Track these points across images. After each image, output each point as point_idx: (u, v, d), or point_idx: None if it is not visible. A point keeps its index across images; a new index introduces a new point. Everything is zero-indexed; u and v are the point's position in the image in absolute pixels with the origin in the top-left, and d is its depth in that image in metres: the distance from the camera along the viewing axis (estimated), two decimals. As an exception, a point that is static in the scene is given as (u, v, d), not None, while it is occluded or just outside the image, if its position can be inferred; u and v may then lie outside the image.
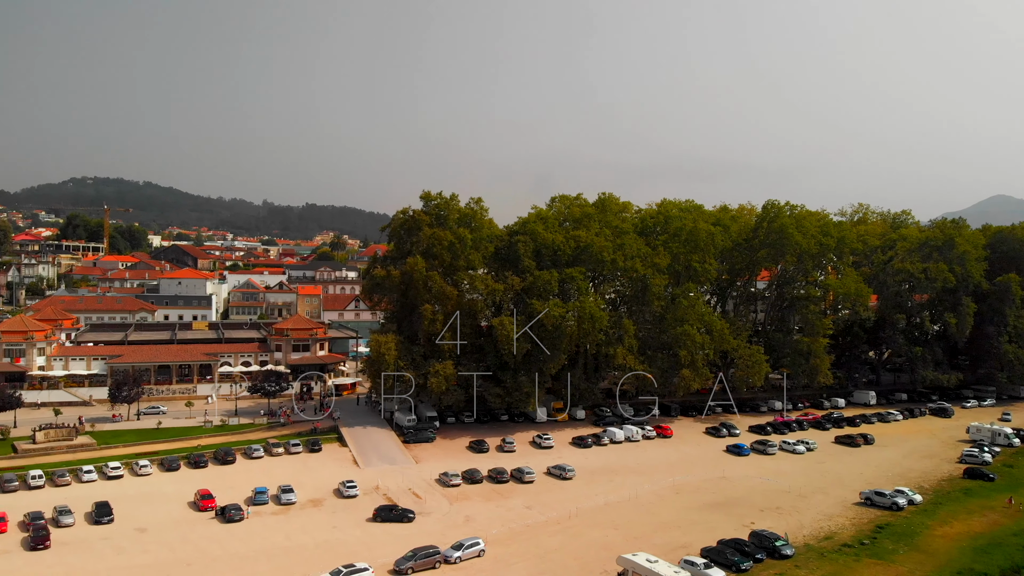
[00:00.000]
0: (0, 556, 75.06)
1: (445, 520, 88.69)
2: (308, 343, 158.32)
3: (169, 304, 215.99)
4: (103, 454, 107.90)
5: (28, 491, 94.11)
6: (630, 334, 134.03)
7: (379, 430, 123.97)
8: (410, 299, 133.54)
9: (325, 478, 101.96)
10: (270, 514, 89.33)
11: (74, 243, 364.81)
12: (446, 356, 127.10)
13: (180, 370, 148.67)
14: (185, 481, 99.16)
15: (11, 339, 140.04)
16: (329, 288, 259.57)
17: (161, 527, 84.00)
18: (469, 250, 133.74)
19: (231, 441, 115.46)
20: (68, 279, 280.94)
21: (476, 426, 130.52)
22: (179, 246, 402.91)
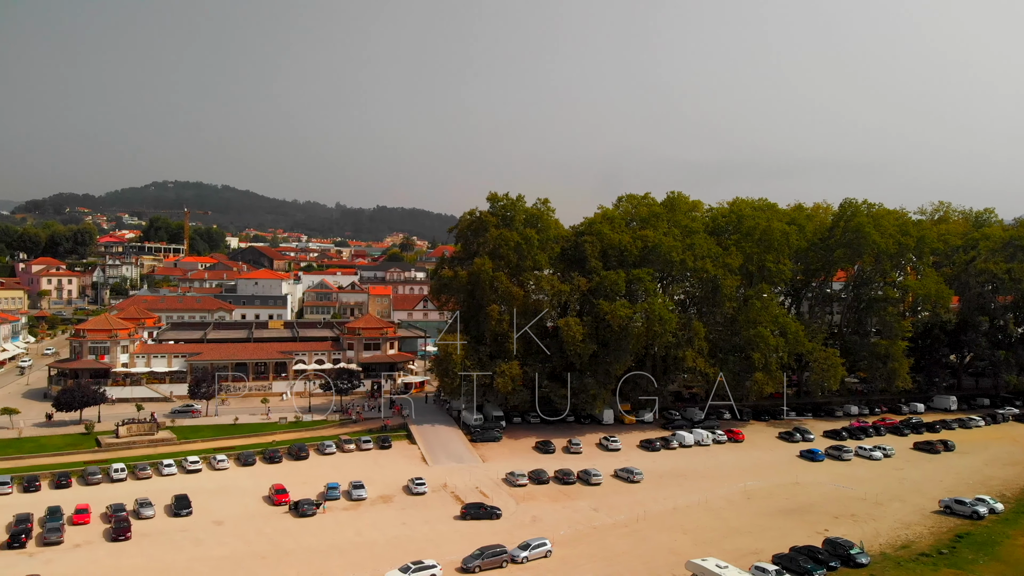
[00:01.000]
0: (83, 547, 78.48)
1: (512, 520, 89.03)
2: (379, 342, 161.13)
3: (246, 304, 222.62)
4: (183, 448, 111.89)
5: (111, 484, 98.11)
6: (700, 336, 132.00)
7: (447, 428, 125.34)
8: (477, 299, 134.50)
9: (394, 475, 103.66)
10: (341, 509, 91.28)
11: (156, 245, 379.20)
12: (512, 356, 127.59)
13: (256, 368, 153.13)
14: (260, 476, 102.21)
15: (96, 337, 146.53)
16: (398, 288, 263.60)
17: (237, 520, 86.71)
18: (535, 251, 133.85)
19: (304, 437, 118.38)
20: (150, 279, 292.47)
21: (542, 427, 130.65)
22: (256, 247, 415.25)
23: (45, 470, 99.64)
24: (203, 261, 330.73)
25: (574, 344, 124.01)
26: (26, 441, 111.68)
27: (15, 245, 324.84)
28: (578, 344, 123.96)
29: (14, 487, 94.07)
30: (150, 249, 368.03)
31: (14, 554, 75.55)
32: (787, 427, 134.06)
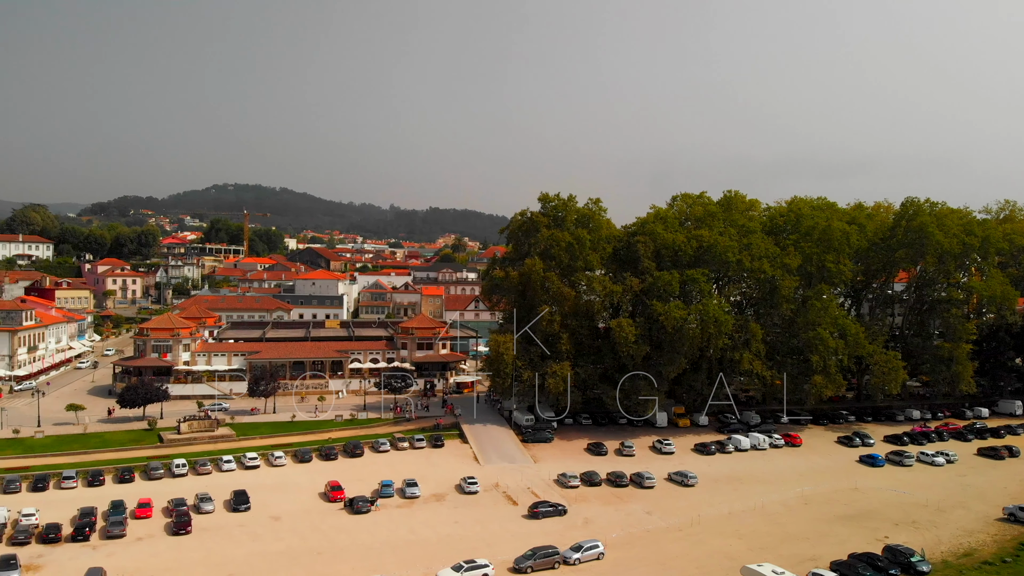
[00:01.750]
0: (145, 540, 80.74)
1: (563, 521, 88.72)
2: (431, 342, 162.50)
3: (304, 304, 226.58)
4: (241, 445, 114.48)
5: (172, 479, 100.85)
6: (757, 338, 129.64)
7: (498, 428, 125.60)
8: (528, 300, 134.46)
9: (447, 473, 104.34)
10: (395, 507, 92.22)
11: (216, 246, 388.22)
12: (564, 357, 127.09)
13: (313, 366, 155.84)
14: (316, 472, 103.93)
15: (159, 336, 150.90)
16: (450, 289, 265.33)
17: (294, 516, 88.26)
18: (587, 251, 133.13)
19: (359, 435, 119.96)
20: (211, 280, 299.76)
21: (594, 428, 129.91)
22: (313, 249, 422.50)
23: (109, 465, 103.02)
24: (262, 262, 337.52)
25: (626, 345, 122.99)
26: (91, 437, 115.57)
27: (81, 246, 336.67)
28: (630, 346, 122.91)
29: (79, 481, 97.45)
30: (211, 250, 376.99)
31: (78, 547, 78.14)
32: (846, 431, 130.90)
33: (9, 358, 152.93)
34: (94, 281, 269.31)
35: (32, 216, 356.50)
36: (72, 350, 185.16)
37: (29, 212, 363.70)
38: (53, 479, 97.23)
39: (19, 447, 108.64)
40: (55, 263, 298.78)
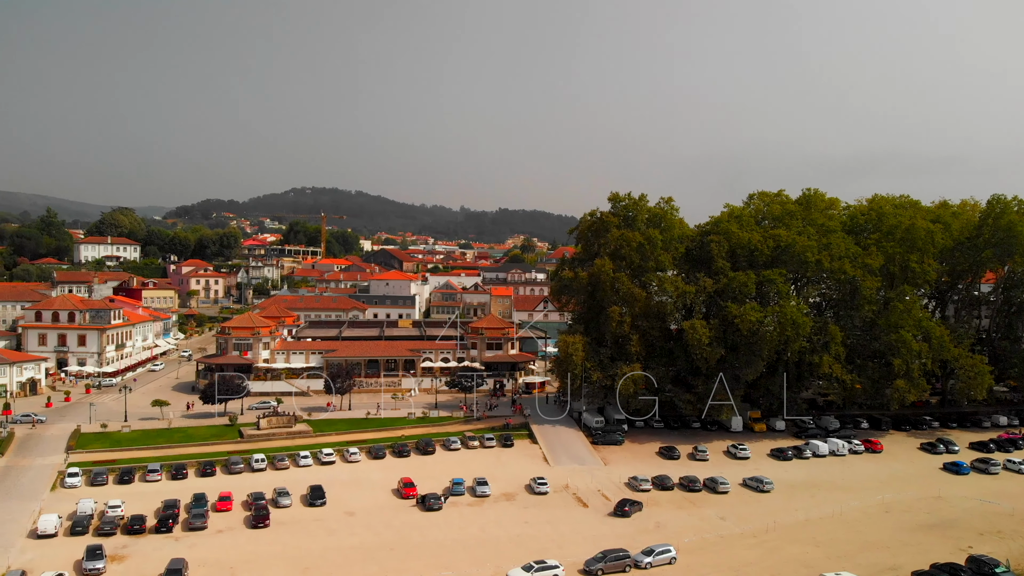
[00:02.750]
0: (225, 532, 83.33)
1: (634, 524, 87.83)
2: (501, 342, 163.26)
3: (378, 303, 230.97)
4: (318, 441, 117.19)
5: (251, 473, 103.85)
6: (837, 341, 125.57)
7: (568, 430, 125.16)
8: (598, 301, 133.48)
9: (517, 473, 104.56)
10: (466, 505, 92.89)
11: (295, 247, 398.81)
12: (634, 359, 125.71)
13: (387, 364, 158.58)
14: (389, 469, 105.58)
15: (240, 334, 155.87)
16: (519, 289, 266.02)
17: (368, 512, 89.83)
18: (659, 251, 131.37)
19: (431, 433, 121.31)
20: (289, 280, 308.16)
21: (666, 432, 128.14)
22: (387, 250, 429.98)
23: (191, 459, 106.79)
24: (338, 263, 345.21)
25: (700, 348, 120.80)
26: (175, 431, 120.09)
27: (167, 248, 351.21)
28: (704, 348, 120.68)
29: (163, 474, 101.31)
30: (290, 252, 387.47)
31: (161, 538, 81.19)
32: (929, 438, 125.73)
33: (98, 355, 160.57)
34: (179, 281, 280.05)
35: (120, 219, 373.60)
36: (157, 348, 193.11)
37: (117, 215, 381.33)
38: (138, 472, 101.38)
39: (107, 441, 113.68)
40: (142, 264, 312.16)
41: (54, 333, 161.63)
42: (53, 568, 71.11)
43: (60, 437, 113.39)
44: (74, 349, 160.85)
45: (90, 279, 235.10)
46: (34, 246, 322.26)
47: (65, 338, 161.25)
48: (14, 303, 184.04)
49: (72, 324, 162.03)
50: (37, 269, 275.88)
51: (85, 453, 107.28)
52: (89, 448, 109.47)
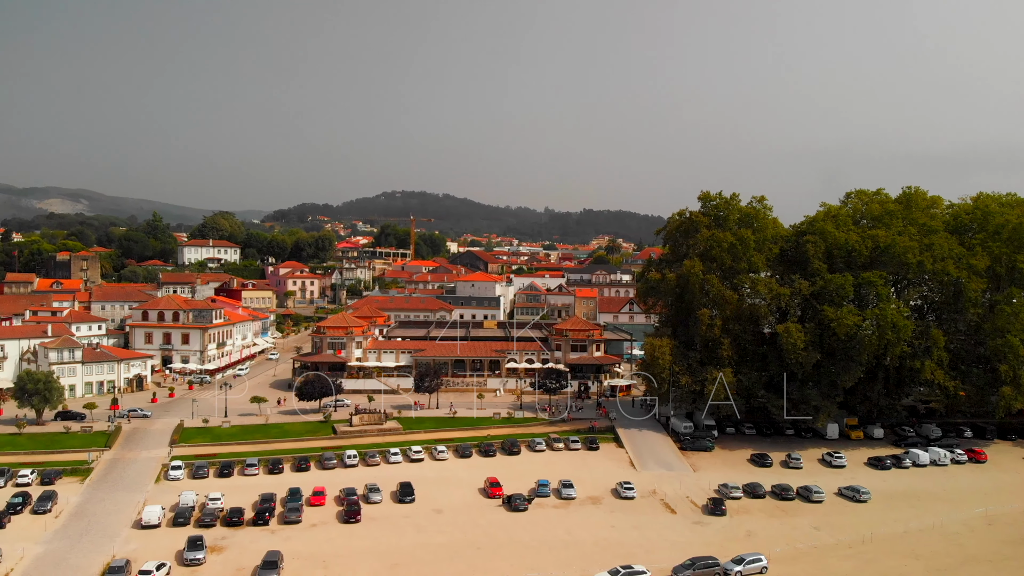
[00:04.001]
0: (318, 527, 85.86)
1: (724, 532, 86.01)
2: (585, 344, 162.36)
3: (464, 304, 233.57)
4: (407, 438, 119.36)
5: (344, 469, 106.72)
6: (939, 346, 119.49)
7: (655, 434, 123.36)
8: (686, 303, 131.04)
9: (602, 477, 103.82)
10: (551, 507, 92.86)
11: (385, 249, 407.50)
12: (725, 363, 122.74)
13: (473, 364, 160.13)
14: (476, 468, 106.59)
15: (335, 334, 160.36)
16: (604, 291, 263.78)
17: (455, 510, 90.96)
18: (751, 252, 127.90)
19: (516, 433, 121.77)
20: (380, 281, 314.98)
21: (758, 439, 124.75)
22: (472, 252, 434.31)
23: (287, 454, 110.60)
24: (426, 264, 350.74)
25: (795, 352, 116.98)
26: (272, 427, 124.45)
27: (265, 250, 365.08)
28: (799, 352, 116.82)
29: (260, 468, 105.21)
30: (381, 254, 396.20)
31: (258, 530, 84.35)
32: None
33: (201, 353, 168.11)
34: (276, 282, 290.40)
35: (221, 223, 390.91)
36: (256, 346, 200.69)
37: (218, 219, 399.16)
38: (237, 466, 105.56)
39: (208, 435, 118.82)
40: (242, 266, 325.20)
41: (159, 332, 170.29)
42: (156, 558, 74.61)
43: (164, 431, 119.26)
44: (178, 347, 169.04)
45: (193, 280, 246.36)
46: (141, 249, 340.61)
47: (170, 336, 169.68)
48: (122, 303, 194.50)
49: (176, 323, 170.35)
50: (144, 271, 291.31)
51: (187, 447, 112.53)
52: (191, 442, 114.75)
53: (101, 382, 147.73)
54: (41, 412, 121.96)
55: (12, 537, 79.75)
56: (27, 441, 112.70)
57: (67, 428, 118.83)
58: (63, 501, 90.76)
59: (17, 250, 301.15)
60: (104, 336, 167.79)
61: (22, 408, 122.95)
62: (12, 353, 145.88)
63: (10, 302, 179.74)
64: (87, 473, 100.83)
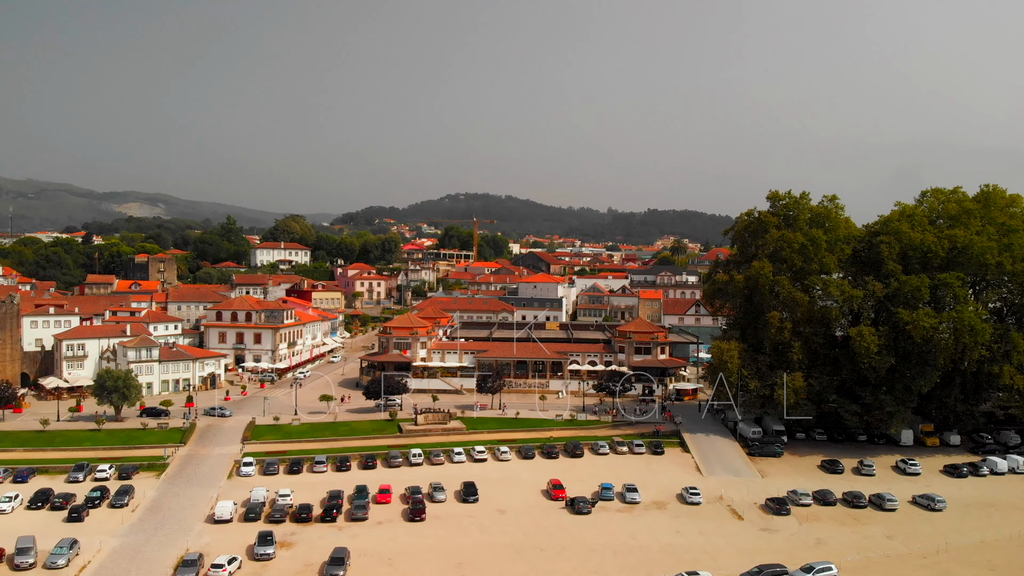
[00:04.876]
0: (384, 524, 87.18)
1: (793, 540, 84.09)
2: (649, 346, 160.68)
3: (526, 306, 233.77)
4: (470, 438, 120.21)
5: (409, 467, 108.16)
6: (1019, 349, 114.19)
7: (722, 439, 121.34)
8: (755, 305, 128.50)
9: (667, 481, 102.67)
10: (615, 511, 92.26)
11: (449, 251, 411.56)
12: (795, 367, 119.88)
13: (535, 366, 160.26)
14: (538, 470, 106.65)
15: (400, 334, 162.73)
16: (669, 292, 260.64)
17: (518, 511, 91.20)
18: (822, 252, 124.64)
19: (579, 435, 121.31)
20: (444, 282, 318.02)
21: (829, 444, 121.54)
22: (534, 253, 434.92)
23: (355, 452, 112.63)
24: (489, 266, 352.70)
25: (868, 356, 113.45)
26: (340, 425, 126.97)
27: (334, 252, 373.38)
28: (872, 356, 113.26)
29: (329, 466, 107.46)
30: (444, 255, 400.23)
31: (326, 527, 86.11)
32: None
33: (272, 352, 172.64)
34: (344, 283, 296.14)
35: (292, 226, 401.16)
36: (325, 346, 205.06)
37: (289, 222, 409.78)
38: (306, 463, 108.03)
39: (278, 433, 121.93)
40: (311, 267, 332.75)
41: (233, 331, 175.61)
42: (228, 552, 76.72)
43: (236, 428, 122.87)
44: (250, 346, 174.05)
45: (265, 281, 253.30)
46: (215, 251, 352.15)
47: (242, 336, 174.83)
48: (197, 303, 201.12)
49: (249, 323, 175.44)
50: (218, 272, 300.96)
51: (259, 444, 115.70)
52: (262, 439, 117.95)
53: (177, 380, 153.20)
54: (120, 409, 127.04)
55: (90, 530, 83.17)
56: (106, 437, 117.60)
57: (144, 425, 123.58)
58: (139, 495, 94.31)
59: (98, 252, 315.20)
60: (180, 336, 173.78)
61: (102, 405, 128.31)
62: (92, 352, 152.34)
63: (91, 303, 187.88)
64: (163, 468, 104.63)
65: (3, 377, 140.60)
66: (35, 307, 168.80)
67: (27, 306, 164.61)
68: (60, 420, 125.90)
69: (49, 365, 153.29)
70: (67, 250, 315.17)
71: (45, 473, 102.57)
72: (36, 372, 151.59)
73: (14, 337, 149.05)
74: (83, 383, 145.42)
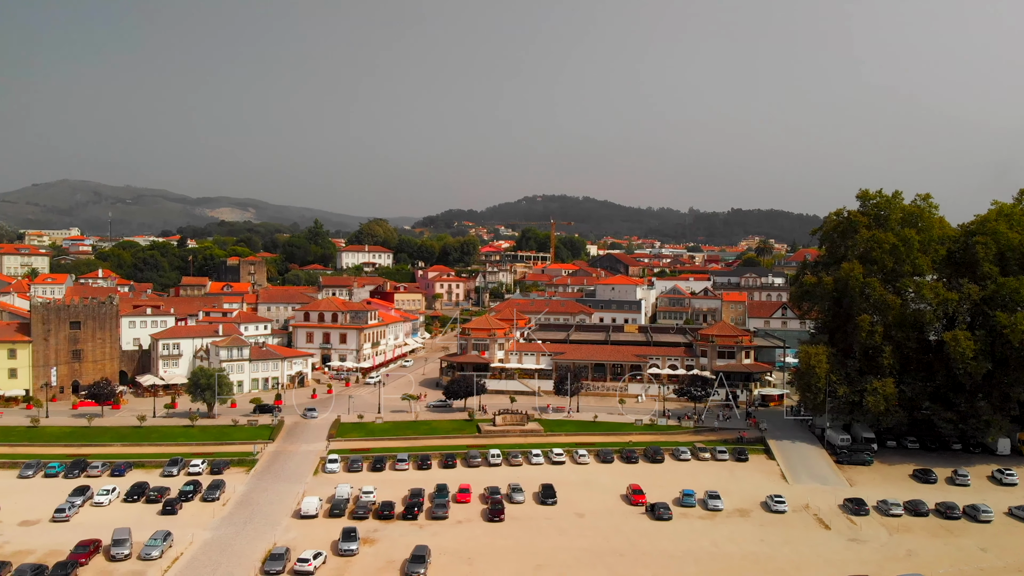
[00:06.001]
0: (464, 523, 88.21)
1: (882, 551, 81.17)
2: (733, 350, 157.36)
3: (603, 308, 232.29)
4: (548, 440, 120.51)
5: (488, 467, 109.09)
6: None
7: (808, 446, 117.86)
8: (844, 308, 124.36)
9: (751, 489, 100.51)
10: (697, 518, 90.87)
11: (526, 253, 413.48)
12: (886, 373, 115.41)
13: (613, 369, 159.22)
14: (617, 474, 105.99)
15: (478, 335, 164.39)
16: (754, 295, 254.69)
17: (597, 515, 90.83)
18: (915, 253, 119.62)
19: (659, 441, 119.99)
20: (521, 284, 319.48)
21: (921, 453, 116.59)
22: (612, 254, 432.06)
23: (435, 451, 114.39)
24: (566, 268, 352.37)
25: (963, 362, 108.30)
26: (421, 424, 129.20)
27: (415, 255, 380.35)
28: (968, 362, 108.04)
29: (410, 464, 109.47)
30: (521, 257, 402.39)
31: (407, 524, 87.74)
32: None
33: (357, 352, 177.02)
34: (425, 285, 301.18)
35: (375, 229, 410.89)
36: (407, 346, 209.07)
37: (373, 226, 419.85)
38: (389, 461, 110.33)
39: (362, 431, 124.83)
40: (394, 269, 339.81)
41: (319, 332, 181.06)
42: (313, 547, 78.88)
43: (322, 426, 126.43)
44: (336, 346, 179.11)
45: (350, 283, 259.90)
46: (303, 254, 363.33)
47: (329, 336, 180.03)
48: (286, 304, 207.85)
49: (335, 324, 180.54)
50: (305, 274, 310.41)
51: (343, 441, 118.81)
52: (347, 437, 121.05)
53: (266, 378, 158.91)
54: (212, 406, 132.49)
55: (183, 523, 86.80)
56: (199, 433, 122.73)
57: (235, 421, 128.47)
58: (230, 490, 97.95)
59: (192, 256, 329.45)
60: (269, 335, 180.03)
61: (195, 402, 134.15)
62: (187, 351, 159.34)
63: (185, 304, 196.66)
64: (252, 464, 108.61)
65: (103, 375, 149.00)
66: (133, 308, 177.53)
67: (126, 307, 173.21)
68: (156, 416, 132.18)
69: (146, 363, 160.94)
70: (163, 253, 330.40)
71: (141, 467, 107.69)
72: (134, 370, 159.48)
73: (113, 336, 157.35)
74: (178, 381, 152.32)
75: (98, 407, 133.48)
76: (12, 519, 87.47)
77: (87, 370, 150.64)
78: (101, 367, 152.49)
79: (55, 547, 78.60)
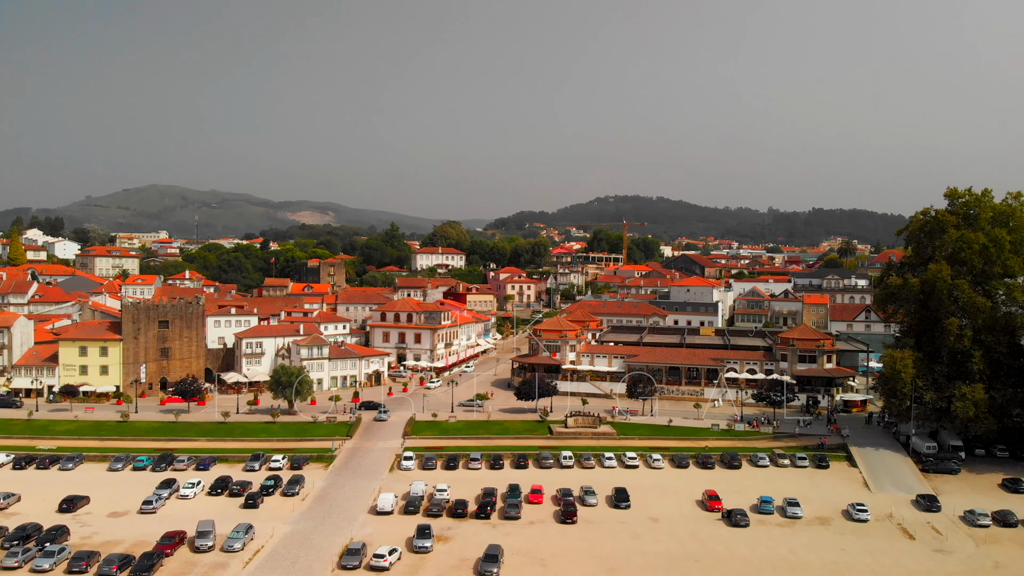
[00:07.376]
0: (536, 524, 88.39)
1: (968, 563, 77.90)
2: (815, 354, 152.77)
3: (678, 310, 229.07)
4: (621, 444, 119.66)
5: (560, 469, 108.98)
6: None
7: (892, 454, 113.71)
8: (931, 311, 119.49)
9: (832, 497, 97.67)
10: (775, 525, 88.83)
11: (598, 255, 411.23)
12: (975, 378, 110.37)
13: (688, 372, 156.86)
14: (693, 479, 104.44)
15: (550, 337, 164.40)
16: (836, 297, 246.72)
17: (671, 520, 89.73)
18: (1006, 254, 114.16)
19: (736, 446, 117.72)
20: (593, 286, 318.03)
21: (1012, 462, 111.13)
22: (687, 256, 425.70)
23: (507, 451, 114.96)
24: (639, 269, 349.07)
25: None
26: (493, 424, 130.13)
27: (487, 256, 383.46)
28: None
29: (483, 463, 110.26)
30: (593, 259, 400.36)
31: (480, 523, 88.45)
32: None
33: (431, 351, 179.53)
34: (496, 286, 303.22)
35: (448, 231, 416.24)
36: (479, 346, 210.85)
37: (446, 228, 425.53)
38: (462, 460, 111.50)
39: (436, 429, 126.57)
40: (466, 271, 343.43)
41: (395, 332, 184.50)
42: (388, 543, 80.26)
43: (398, 424, 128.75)
44: (411, 346, 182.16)
45: (424, 284, 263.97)
46: (380, 256, 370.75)
47: (404, 336, 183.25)
48: (363, 305, 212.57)
49: (410, 324, 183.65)
50: (382, 276, 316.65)
51: (418, 439, 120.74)
52: (422, 435, 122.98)
53: (344, 377, 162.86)
54: (292, 403, 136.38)
55: (264, 516, 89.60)
56: (280, 429, 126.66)
57: (314, 418, 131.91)
58: (309, 485, 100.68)
59: (274, 257, 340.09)
60: (348, 335, 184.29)
61: (276, 399, 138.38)
62: (269, 350, 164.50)
63: (268, 304, 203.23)
64: (330, 460, 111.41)
65: (189, 372, 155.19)
66: (218, 308, 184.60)
67: (211, 307, 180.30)
68: (239, 412, 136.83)
69: (230, 361, 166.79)
70: (246, 255, 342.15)
71: (225, 462, 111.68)
72: (218, 367, 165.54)
73: (199, 335, 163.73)
74: (260, 378, 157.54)
75: (184, 403, 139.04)
76: (101, 510, 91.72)
77: (174, 367, 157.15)
78: (187, 364, 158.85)
79: (142, 538, 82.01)
